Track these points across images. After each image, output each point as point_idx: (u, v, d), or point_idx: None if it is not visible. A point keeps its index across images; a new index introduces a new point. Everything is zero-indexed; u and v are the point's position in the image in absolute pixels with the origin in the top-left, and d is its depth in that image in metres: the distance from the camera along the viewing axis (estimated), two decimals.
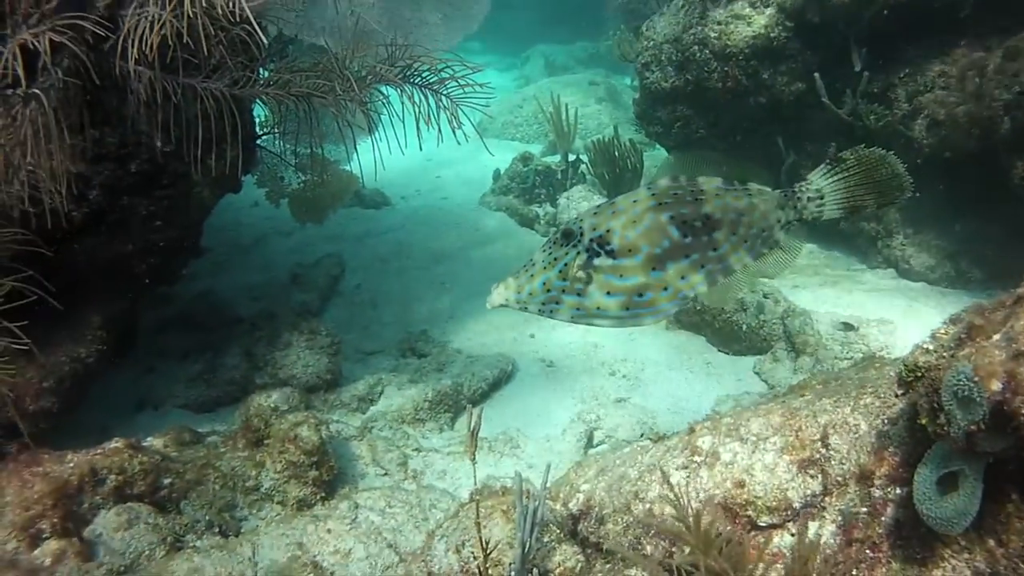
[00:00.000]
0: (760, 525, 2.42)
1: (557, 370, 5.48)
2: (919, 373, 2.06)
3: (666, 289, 2.41)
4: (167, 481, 3.74)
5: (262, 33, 3.46)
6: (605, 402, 5.05)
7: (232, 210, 7.61)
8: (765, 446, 2.54)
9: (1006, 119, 5.02)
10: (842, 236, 6.65)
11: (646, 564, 2.46)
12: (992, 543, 1.95)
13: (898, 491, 2.19)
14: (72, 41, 3.18)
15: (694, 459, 2.67)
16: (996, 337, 1.87)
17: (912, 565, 2.07)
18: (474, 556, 2.79)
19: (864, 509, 2.24)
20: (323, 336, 5.24)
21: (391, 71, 4.16)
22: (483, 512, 2.88)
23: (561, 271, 2.42)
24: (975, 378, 1.79)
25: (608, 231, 2.40)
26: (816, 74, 6.04)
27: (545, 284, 2.44)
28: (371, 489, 4.01)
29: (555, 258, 2.45)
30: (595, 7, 11.39)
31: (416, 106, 4.24)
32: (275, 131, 5.19)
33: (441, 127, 4.19)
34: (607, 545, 2.70)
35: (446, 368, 5.39)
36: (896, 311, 5.38)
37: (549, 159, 9.41)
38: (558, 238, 2.47)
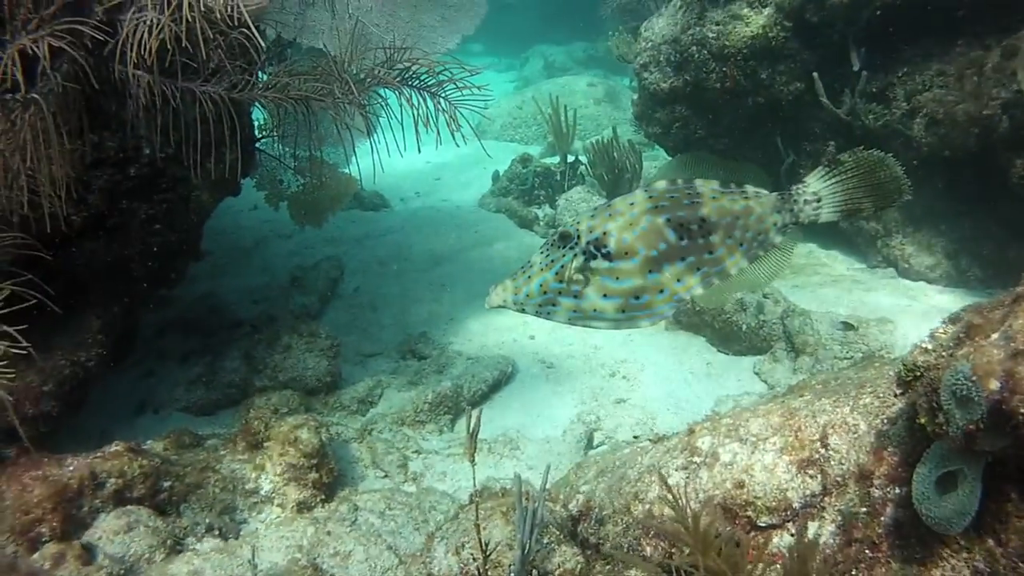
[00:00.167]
0: (760, 525, 2.42)
1: (557, 371, 5.47)
2: (918, 373, 2.06)
3: (662, 292, 2.41)
4: (167, 484, 3.74)
5: (260, 37, 3.48)
6: (605, 403, 5.04)
7: (231, 213, 7.63)
8: (764, 446, 2.54)
9: (1005, 117, 5.02)
10: (842, 236, 6.65)
11: (645, 566, 2.46)
12: (991, 542, 1.95)
13: (897, 491, 2.19)
14: (71, 46, 3.19)
15: (693, 460, 2.67)
16: (994, 336, 1.87)
17: (911, 565, 2.07)
18: (474, 558, 2.80)
19: (863, 509, 2.24)
20: (323, 339, 5.25)
21: (390, 74, 4.16)
22: (483, 514, 2.88)
23: (558, 273, 2.42)
24: (973, 377, 1.79)
25: (605, 233, 2.40)
26: (815, 74, 6.04)
27: (542, 286, 2.44)
28: (371, 491, 4.02)
29: (552, 260, 2.45)
30: (593, 8, 11.39)
31: (415, 109, 4.25)
32: (274, 134, 5.20)
33: (440, 130, 4.20)
34: (606, 547, 2.70)
35: (446, 370, 5.39)
36: (896, 311, 5.38)
37: (548, 160, 9.42)
38: (556, 240, 2.47)
